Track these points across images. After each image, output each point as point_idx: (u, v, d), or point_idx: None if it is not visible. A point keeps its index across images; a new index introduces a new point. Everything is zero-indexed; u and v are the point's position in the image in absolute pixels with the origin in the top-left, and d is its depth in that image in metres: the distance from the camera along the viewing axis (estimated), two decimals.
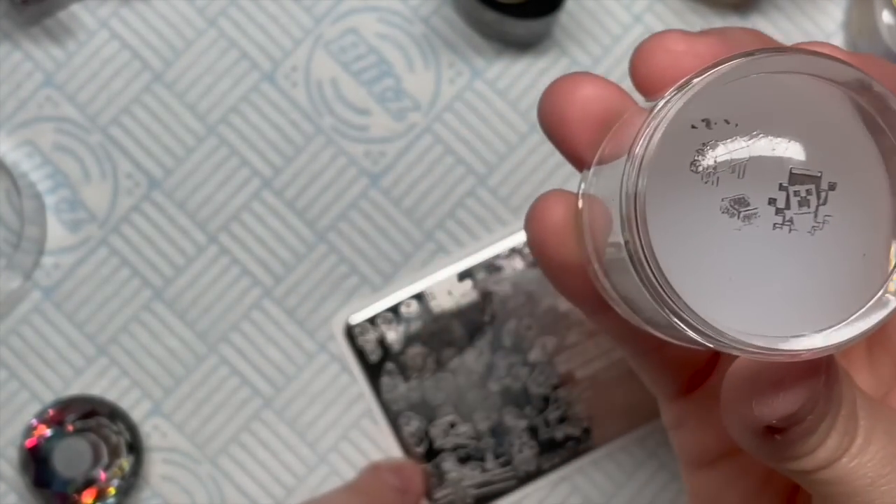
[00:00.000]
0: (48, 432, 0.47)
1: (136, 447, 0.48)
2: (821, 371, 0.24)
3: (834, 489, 0.26)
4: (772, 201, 0.22)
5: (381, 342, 0.49)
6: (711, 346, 0.23)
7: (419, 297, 0.49)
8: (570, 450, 0.49)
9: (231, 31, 0.50)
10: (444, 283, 0.49)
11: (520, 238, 0.49)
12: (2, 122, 0.49)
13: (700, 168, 0.22)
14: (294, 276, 0.50)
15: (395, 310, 0.49)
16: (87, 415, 0.47)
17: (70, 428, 0.47)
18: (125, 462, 0.47)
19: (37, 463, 0.47)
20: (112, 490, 0.47)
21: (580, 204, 0.28)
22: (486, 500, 0.49)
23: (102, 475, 0.47)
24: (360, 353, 0.49)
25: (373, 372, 0.49)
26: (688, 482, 0.32)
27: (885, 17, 0.48)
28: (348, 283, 0.50)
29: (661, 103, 0.23)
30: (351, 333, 0.49)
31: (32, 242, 0.48)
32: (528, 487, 0.49)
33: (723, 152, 0.22)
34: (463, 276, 0.49)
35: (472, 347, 0.49)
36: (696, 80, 0.23)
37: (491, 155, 0.50)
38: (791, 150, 0.22)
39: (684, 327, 0.23)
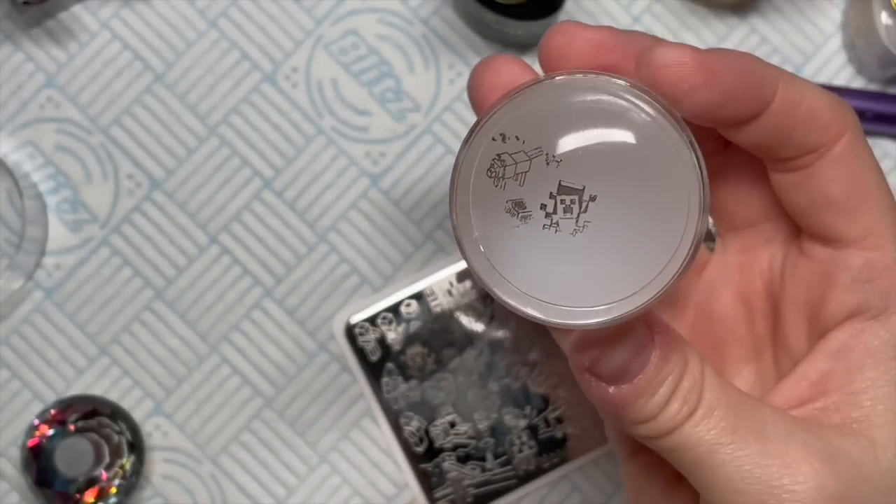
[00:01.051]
0: (50, 432, 0.47)
1: (137, 447, 0.48)
2: (633, 335, 0.29)
3: (680, 456, 0.30)
4: (543, 206, 0.28)
5: (382, 342, 0.49)
6: (507, 307, 0.28)
7: (419, 296, 0.49)
8: (570, 449, 0.49)
9: (232, 32, 0.50)
10: (443, 283, 0.49)
11: None
12: (3, 123, 0.50)
13: (493, 174, 0.28)
14: (294, 276, 0.50)
15: (395, 310, 0.49)
16: (89, 414, 0.48)
17: (72, 427, 0.47)
18: (126, 462, 0.48)
19: (39, 462, 0.47)
20: (113, 489, 0.47)
21: None
22: (486, 500, 0.49)
23: (104, 475, 0.47)
24: (361, 353, 0.49)
25: (373, 372, 0.49)
26: (622, 469, 0.36)
27: (884, 17, 0.48)
28: (348, 283, 0.50)
29: (486, 114, 0.28)
30: (351, 333, 0.49)
31: (34, 243, 0.49)
32: (528, 487, 0.49)
33: (509, 163, 0.28)
34: (463, 276, 0.49)
35: (472, 347, 0.49)
36: (506, 100, 0.28)
37: None
38: (563, 166, 0.27)
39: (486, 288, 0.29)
